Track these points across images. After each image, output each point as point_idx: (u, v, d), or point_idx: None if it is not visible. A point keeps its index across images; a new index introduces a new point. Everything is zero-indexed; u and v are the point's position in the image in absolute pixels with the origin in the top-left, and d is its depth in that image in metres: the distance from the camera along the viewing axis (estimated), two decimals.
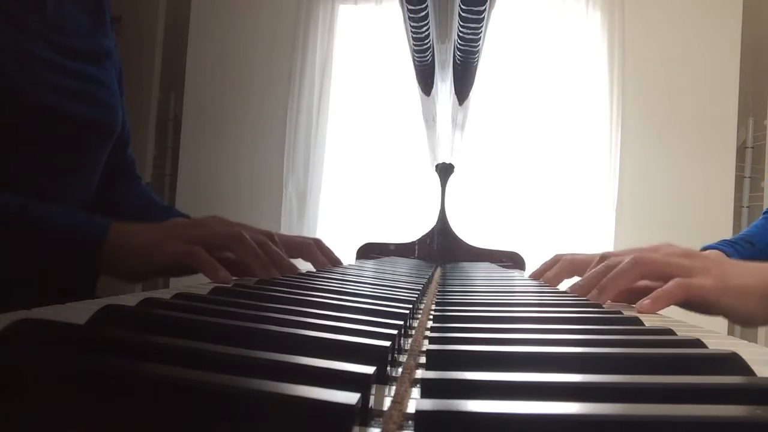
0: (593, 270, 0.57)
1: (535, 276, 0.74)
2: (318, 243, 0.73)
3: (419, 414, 0.15)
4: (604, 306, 0.47)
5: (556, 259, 0.70)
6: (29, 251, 0.52)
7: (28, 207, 0.53)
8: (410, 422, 0.18)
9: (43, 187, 0.65)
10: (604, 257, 0.58)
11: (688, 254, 0.53)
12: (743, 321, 0.52)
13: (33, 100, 0.63)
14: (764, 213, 0.94)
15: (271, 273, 0.55)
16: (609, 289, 0.53)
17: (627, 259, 0.52)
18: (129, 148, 0.85)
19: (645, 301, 0.49)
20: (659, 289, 0.49)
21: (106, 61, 0.75)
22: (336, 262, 0.75)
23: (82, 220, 0.55)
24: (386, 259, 1.12)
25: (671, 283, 0.49)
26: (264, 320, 0.27)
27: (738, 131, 2.33)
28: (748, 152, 2.36)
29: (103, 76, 0.73)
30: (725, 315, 0.51)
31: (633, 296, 0.58)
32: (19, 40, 0.63)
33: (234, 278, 0.54)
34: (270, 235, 0.61)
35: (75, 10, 0.72)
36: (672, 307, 0.49)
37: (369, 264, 0.90)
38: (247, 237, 0.55)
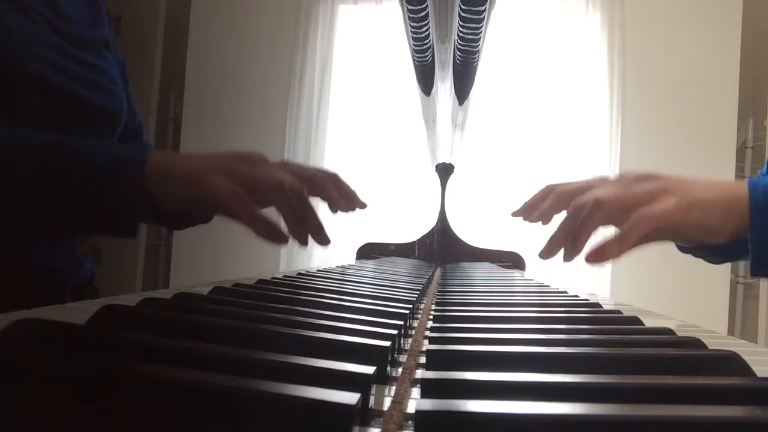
0: (558, 226, 0.55)
1: (526, 211, 0.63)
2: (334, 179, 0.63)
3: (419, 414, 0.15)
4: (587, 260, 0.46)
5: (548, 191, 0.63)
6: (74, 179, 0.50)
7: (64, 138, 0.51)
8: (410, 422, 0.18)
9: None
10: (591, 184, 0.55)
11: (647, 176, 0.51)
12: (708, 235, 0.51)
13: (38, 79, 0.63)
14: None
15: (299, 233, 0.54)
16: (581, 237, 0.52)
17: (589, 203, 0.50)
18: (143, 136, 0.86)
19: (612, 244, 0.46)
20: (623, 227, 0.47)
21: (107, 52, 0.77)
22: (352, 199, 0.64)
23: (120, 147, 0.53)
24: (386, 259, 1.12)
25: (633, 217, 0.47)
26: (264, 320, 0.27)
27: (738, 131, 2.33)
28: (748, 152, 2.36)
29: (104, 65, 0.75)
30: (692, 233, 0.50)
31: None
32: (26, 23, 0.64)
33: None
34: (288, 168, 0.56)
35: (74, 2, 0.74)
36: (671, 305, 0.49)
37: (369, 264, 0.90)
38: (287, 191, 0.53)
